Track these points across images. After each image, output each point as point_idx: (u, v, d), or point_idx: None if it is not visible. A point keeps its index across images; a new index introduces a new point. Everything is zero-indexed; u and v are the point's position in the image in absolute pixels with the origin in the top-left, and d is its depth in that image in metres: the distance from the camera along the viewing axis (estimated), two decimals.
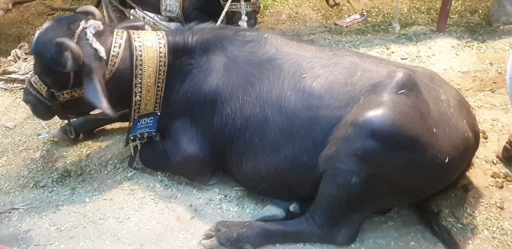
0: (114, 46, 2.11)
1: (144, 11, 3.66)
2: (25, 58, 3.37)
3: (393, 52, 3.33)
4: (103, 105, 1.96)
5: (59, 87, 2.12)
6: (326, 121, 1.83)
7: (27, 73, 3.27)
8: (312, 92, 1.90)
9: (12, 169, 2.62)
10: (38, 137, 2.88)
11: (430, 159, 1.67)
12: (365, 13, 3.95)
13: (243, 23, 3.20)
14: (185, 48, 2.21)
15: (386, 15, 3.97)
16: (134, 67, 2.13)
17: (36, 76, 2.16)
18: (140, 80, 2.16)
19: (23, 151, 2.77)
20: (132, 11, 3.72)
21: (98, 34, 2.07)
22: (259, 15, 3.75)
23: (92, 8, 2.27)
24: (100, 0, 3.96)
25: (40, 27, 2.11)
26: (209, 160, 2.16)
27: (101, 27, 2.10)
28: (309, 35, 3.64)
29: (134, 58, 2.12)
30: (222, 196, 2.17)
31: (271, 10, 3.95)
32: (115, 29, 2.19)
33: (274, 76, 2.03)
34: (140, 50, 2.14)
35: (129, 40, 2.15)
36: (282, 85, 1.99)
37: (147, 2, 3.70)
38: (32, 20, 4.16)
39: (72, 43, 1.92)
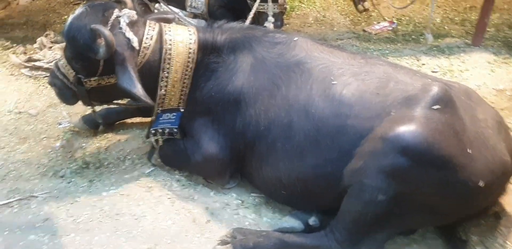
0: (146, 38, 2.10)
1: (169, 6, 3.65)
2: (50, 47, 3.39)
3: (423, 64, 3.25)
4: (140, 93, 1.96)
5: (87, 74, 2.12)
6: (354, 132, 1.79)
7: (51, 61, 3.28)
8: (342, 100, 1.86)
9: (33, 156, 2.63)
10: (59, 126, 2.89)
11: (462, 181, 1.62)
12: (395, 21, 3.88)
13: (269, 24, 3.16)
14: (214, 46, 2.18)
15: (417, 24, 3.88)
16: (162, 61, 2.12)
17: (65, 60, 2.16)
18: (167, 74, 2.15)
19: (44, 139, 2.79)
20: (156, 5, 3.70)
21: (132, 24, 2.07)
22: (285, 16, 3.70)
23: None
24: None
25: (72, 13, 2.09)
26: (228, 161, 2.14)
27: (135, 17, 2.10)
28: (336, 40, 3.58)
29: (164, 52, 2.11)
30: (239, 201, 2.14)
31: (297, 12, 3.90)
32: (148, 21, 2.18)
33: (302, 80, 1.99)
34: (170, 44, 2.12)
35: (160, 33, 2.14)
36: (310, 90, 1.95)
37: None
38: (58, 8, 4.20)
39: (106, 31, 1.92)
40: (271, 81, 2.04)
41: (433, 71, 3.16)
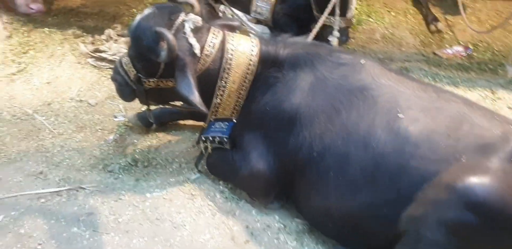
0: (209, 45, 2.09)
1: (233, 9, 3.63)
2: (116, 40, 3.49)
3: (499, 98, 3.00)
4: (196, 100, 1.97)
5: (147, 74, 2.15)
6: (417, 174, 1.67)
7: (116, 54, 3.38)
8: (407, 136, 1.74)
9: (87, 146, 2.72)
10: (114, 119, 2.97)
11: None
12: (470, 47, 3.61)
13: (333, 39, 3.05)
14: (275, 60, 2.13)
15: (496, 52, 3.59)
16: (221, 70, 2.10)
17: (128, 58, 2.20)
18: (224, 84, 2.13)
19: (99, 130, 2.88)
20: (221, 7, 3.70)
21: (196, 30, 2.06)
22: (350, 30, 3.56)
23: (192, 1, 2.25)
24: None
25: (140, 12, 2.12)
26: (275, 181, 2.09)
27: (200, 23, 2.09)
28: (403, 61, 3.38)
29: (224, 61, 2.09)
30: (282, 225, 2.08)
31: (364, 27, 3.73)
32: (212, 28, 2.16)
33: (365, 108, 1.89)
34: (231, 54, 2.10)
35: (223, 42, 2.12)
36: (372, 120, 1.84)
37: (238, 1, 3.67)
38: (129, 1, 4.31)
39: (170, 35, 1.92)
40: (331, 104, 1.95)
41: (509, 107, 2.91)
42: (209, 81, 2.12)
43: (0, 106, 3.11)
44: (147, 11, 2.09)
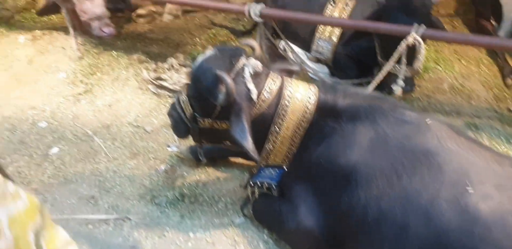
0: (266, 91, 2.07)
1: (293, 46, 3.62)
2: (177, 69, 3.61)
3: None
4: (249, 147, 1.95)
5: (203, 114, 2.17)
6: None
7: (175, 83, 3.49)
8: (477, 216, 1.58)
9: (138, 174, 2.79)
10: (167, 148, 3.03)
11: None
12: None
13: (397, 88, 2.88)
14: (333, 110, 2.05)
15: None
16: (276, 115, 2.07)
17: (186, 96, 2.24)
18: (277, 130, 2.10)
19: (152, 158, 2.94)
20: (281, 43, 3.69)
21: (255, 75, 2.06)
22: (415, 76, 3.38)
23: (254, 43, 2.27)
24: (255, 25, 4.07)
25: (203, 54, 2.14)
26: (323, 242, 1.99)
27: (260, 68, 2.08)
28: (472, 117, 3.09)
29: (280, 107, 2.06)
30: None
31: (431, 75, 3.49)
32: (271, 72, 2.16)
33: (430, 176, 1.74)
34: (288, 101, 2.06)
35: (281, 87, 2.10)
36: (437, 191, 1.69)
37: (299, 38, 3.64)
38: (193, 30, 4.48)
39: (229, 80, 1.93)
40: (391, 166, 1.82)
41: None
42: (262, 126, 2.10)
43: (65, 125, 3.30)
44: (209, 52, 2.13)
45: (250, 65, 2.06)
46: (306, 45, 3.58)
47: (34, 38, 4.23)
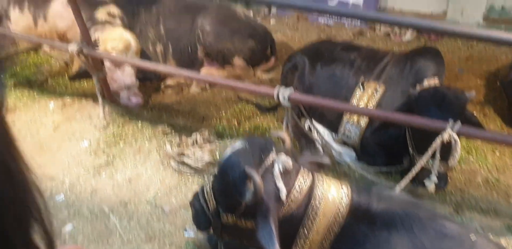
0: (296, 191, 1.95)
1: (319, 126, 3.59)
2: (201, 147, 3.56)
3: None
4: None
5: (227, 209, 2.04)
6: None
7: (198, 161, 3.43)
8: None
9: None
10: (184, 232, 2.87)
11: None
12: None
13: (430, 183, 2.75)
14: (366, 214, 1.90)
15: None
16: (305, 217, 1.93)
17: (211, 188, 2.14)
18: (306, 232, 1.93)
19: (167, 244, 2.77)
20: (307, 123, 3.67)
21: (285, 173, 1.96)
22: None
23: (284, 135, 2.21)
24: (276, 106, 4.12)
25: (232, 146, 2.05)
26: None
27: (290, 165, 1.99)
28: (510, 219, 2.81)
29: (310, 209, 1.93)
30: None
31: (463, 166, 3.32)
32: (301, 169, 2.06)
33: None
34: (319, 202, 1.93)
35: (311, 187, 1.99)
36: None
37: (326, 119, 3.63)
38: (219, 103, 4.54)
39: (258, 178, 1.82)
40: None
41: None
42: (289, 227, 1.95)
43: (82, 199, 3.20)
44: (238, 145, 2.06)
45: (280, 161, 1.99)
46: (333, 127, 3.56)
47: (64, 105, 4.34)
